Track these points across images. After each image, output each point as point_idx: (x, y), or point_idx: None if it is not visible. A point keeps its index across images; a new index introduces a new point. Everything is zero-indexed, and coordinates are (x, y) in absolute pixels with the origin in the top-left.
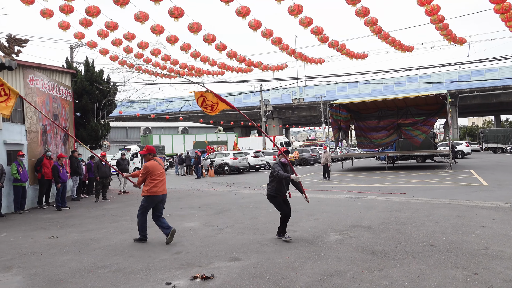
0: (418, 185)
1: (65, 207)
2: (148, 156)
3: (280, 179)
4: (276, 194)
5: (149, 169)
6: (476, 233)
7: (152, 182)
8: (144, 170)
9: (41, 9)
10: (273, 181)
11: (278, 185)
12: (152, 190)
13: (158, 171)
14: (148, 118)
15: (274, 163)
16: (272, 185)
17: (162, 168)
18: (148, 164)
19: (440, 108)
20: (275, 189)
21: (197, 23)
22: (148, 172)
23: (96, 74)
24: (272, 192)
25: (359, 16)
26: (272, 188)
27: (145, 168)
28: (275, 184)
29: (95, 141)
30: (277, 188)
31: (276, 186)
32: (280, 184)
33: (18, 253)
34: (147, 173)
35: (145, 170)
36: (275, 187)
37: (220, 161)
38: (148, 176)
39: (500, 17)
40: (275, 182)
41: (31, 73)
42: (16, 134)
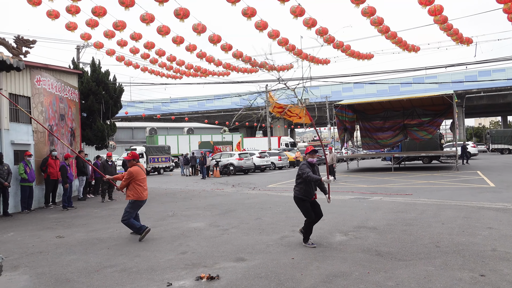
0: (424, 186)
1: (72, 207)
2: (132, 161)
3: (309, 181)
4: (304, 197)
5: (133, 175)
6: (483, 235)
7: (138, 187)
8: (128, 175)
9: (47, 10)
10: (301, 183)
11: (307, 187)
12: (140, 195)
13: (141, 177)
14: (154, 119)
15: (301, 164)
16: (300, 187)
17: (144, 173)
18: (132, 169)
19: (447, 108)
20: (304, 192)
21: (201, 24)
22: (132, 177)
23: (102, 74)
24: (300, 195)
25: (365, 15)
26: (300, 190)
27: (130, 173)
28: (303, 186)
29: (101, 141)
30: (305, 190)
31: (305, 188)
32: (308, 186)
33: (25, 252)
34: (131, 178)
35: (129, 175)
36: (304, 189)
37: (226, 162)
38: (132, 181)
39: (508, 16)
40: (303, 184)
41: (38, 74)
42: (23, 134)
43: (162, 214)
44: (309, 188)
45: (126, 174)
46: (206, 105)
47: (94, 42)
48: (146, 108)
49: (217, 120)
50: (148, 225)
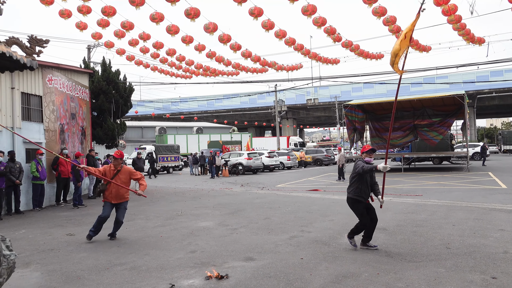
0: (435, 187)
1: (82, 205)
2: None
3: (361, 176)
4: (360, 198)
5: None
6: (494, 237)
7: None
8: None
9: (59, 9)
10: (356, 181)
11: (362, 186)
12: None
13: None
14: (163, 118)
15: (357, 161)
16: (355, 186)
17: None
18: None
19: (458, 109)
20: (359, 191)
21: (212, 23)
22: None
23: (113, 74)
24: (355, 195)
25: (376, 15)
26: (356, 190)
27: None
28: (359, 185)
29: (111, 140)
30: (361, 190)
31: (360, 188)
32: (364, 185)
33: (37, 249)
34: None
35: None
36: (359, 188)
37: (234, 161)
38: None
39: None
40: (358, 182)
41: (50, 73)
42: (35, 133)
43: (171, 213)
44: (365, 188)
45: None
46: (215, 105)
47: (105, 42)
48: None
49: (226, 120)
50: (157, 224)
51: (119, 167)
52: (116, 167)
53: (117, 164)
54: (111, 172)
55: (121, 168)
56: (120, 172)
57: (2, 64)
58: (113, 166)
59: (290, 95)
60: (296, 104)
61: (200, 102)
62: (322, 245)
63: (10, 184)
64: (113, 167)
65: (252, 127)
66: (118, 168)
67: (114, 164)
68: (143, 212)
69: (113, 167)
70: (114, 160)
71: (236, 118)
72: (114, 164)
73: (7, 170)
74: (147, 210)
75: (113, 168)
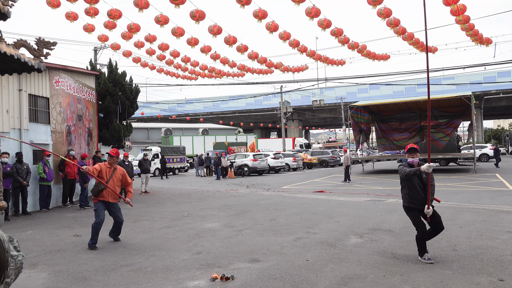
0: (441, 188)
1: (88, 206)
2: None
3: (409, 181)
4: (410, 204)
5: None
6: (502, 239)
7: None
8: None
9: (66, 12)
10: (404, 187)
11: (411, 191)
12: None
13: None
14: (169, 119)
15: (399, 166)
16: (404, 192)
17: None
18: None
19: (465, 110)
20: (408, 197)
21: (217, 26)
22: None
23: (119, 75)
24: (405, 202)
25: (381, 17)
26: (405, 197)
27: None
28: (407, 191)
29: (117, 142)
30: (409, 195)
31: (409, 193)
32: (413, 189)
33: (44, 250)
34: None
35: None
36: (408, 194)
37: (240, 163)
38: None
39: None
40: (406, 187)
41: (57, 75)
42: (42, 134)
43: (177, 215)
44: (414, 193)
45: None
46: (221, 106)
47: (111, 44)
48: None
49: (232, 121)
50: (163, 225)
51: (115, 166)
52: (112, 165)
53: (113, 162)
54: (107, 170)
55: (116, 167)
56: (115, 172)
57: (11, 67)
58: (108, 164)
59: (296, 96)
60: (302, 105)
61: (206, 104)
62: (327, 246)
63: (17, 185)
64: (108, 165)
65: (257, 129)
66: (114, 166)
67: (110, 162)
68: (149, 213)
69: (108, 165)
70: (110, 158)
71: (242, 120)
72: (110, 162)
73: (13, 171)
74: (153, 211)
75: (109, 166)
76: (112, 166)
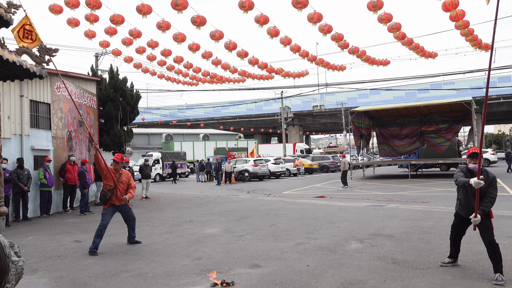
0: (442, 193)
1: (89, 212)
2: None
3: (462, 187)
4: (458, 211)
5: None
6: (502, 244)
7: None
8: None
9: (67, 18)
10: (458, 192)
11: (462, 197)
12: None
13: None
14: (170, 125)
15: (457, 169)
16: (457, 197)
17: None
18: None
19: (465, 115)
20: (458, 203)
21: (219, 31)
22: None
23: (120, 81)
24: (455, 207)
25: (382, 22)
26: (457, 202)
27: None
28: (459, 196)
29: (118, 147)
30: (460, 202)
31: (460, 199)
32: (465, 197)
33: (44, 256)
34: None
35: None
36: (459, 200)
37: (241, 168)
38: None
39: None
40: (459, 192)
41: (58, 81)
42: (43, 140)
43: (177, 220)
44: (465, 200)
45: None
46: (221, 112)
47: (112, 50)
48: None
49: (232, 127)
50: (164, 230)
51: (121, 171)
52: (118, 171)
53: (118, 168)
54: (114, 175)
55: (122, 172)
56: (122, 176)
57: (13, 73)
58: (114, 170)
59: (296, 102)
60: (302, 110)
61: (207, 109)
62: (328, 252)
63: (18, 191)
64: (114, 171)
65: (258, 134)
66: (120, 171)
67: (116, 168)
68: (150, 219)
69: (114, 170)
70: (116, 164)
71: (242, 125)
72: (116, 168)
73: (13, 177)
74: (153, 217)
75: (115, 172)
76: (117, 171)
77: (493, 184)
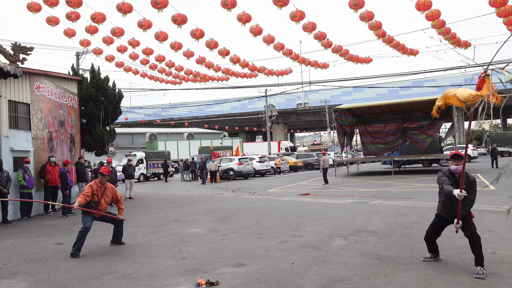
0: (425, 189)
1: (71, 213)
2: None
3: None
4: (440, 213)
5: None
6: (483, 238)
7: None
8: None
9: (47, 16)
10: (440, 194)
11: (448, 201)
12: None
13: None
14: (154, 124)
15: (439, 173)
16: (439, 199)
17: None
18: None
19: (446, 111)
20: (441, 206)
21: (199, 29)
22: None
23: (102, 80)
24: (437, 210)
25: (364, 20)
26: (439, 204)
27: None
28: (441, 198)
29: (101, 147)
30: (443, 203)
31: (443, 201)
32: (449, 198)
33: (24, 259)
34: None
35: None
36: (441, 202)
37: (225, 167)
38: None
39: (502, 20)
40: (441, 194)
41: (38, 81)
42: (23, 141)
43: (162, 220)
44: (448, 203)
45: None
46: (205, 110)
47: (93, 48)
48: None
49: (217, 125)
50: (148, 231)
51: (106, 184)
52: (103, 184)
53: (104, 181)
54: (99, 190)
55: (107, 185)
56: (106, 190)
57: None
58: (99, 183)
59: (281, 100)
60: (287, 108)
61: (191, 108)
62: (313, 249)
63: None
64: (99, 184)
65: (243, 132)
66: (105, 185)
67: (101, 181)
68: (134, 219)
69: (99, 183)
70: (102, 177)
71: (227, 124)
72: (101, 181)
73: None
74: (137, 217)
75: (100, 185)
76: (103, 184)
77: (473, 186)
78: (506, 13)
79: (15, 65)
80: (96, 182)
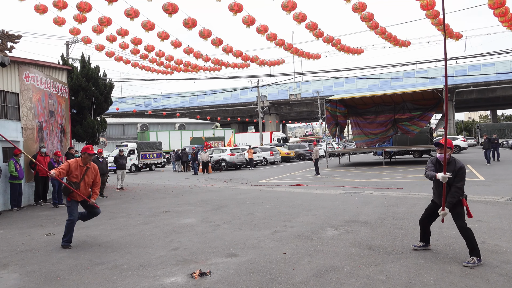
0: (415, 180)
1: (62, 204)
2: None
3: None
4: (434, 199)
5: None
6: (472, 228)
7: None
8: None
9: (35, 4)
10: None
11: (436, 189)
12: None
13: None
14: (145, 115)
15: (427, 162)
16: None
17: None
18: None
19: (437, 103)
20: (433, 193)
21: (192, 19)
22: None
23: (92, 70)
24: (432, 196)
25: (356, 11)
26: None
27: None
28: (433, 187)
29: (91, 138)
30: (433, 190)
31: (433, 190)
32: (437, 188)
33: (15, 250)
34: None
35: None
36: (433, 189)
37: (218, 157)
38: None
39: (494, 12)
40: (433, 183)
41: (27, 70)
42: (12, 131)
43: (154, 211)
44: (437, 190)
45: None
46: (197, 101)
47: (82, 37)
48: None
49: (209, 116)
50: (139, 221)
51: (88, 164)
52: (86, 164)
53: (87, 161)
54: (80, 169)
55: (90, 165)
56: (88, 170)
57: None
58: (81, 162)
59: (273, 91)
60: (279, 99)
61: (182, 98)
62: (304, 239)
63: None
64: (81, 163)
65: (235, 123)
66: (87, 165)
67: (84, 161)
68: (125, 210)
69: (81, 162)
70: (88, 156)
71: (219, 114)
72: (84, 161)
73: None
74: (129, 207)
75: (82, 164)
76: (85, 164)
77: (460, 174)
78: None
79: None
80: (77, 160)
